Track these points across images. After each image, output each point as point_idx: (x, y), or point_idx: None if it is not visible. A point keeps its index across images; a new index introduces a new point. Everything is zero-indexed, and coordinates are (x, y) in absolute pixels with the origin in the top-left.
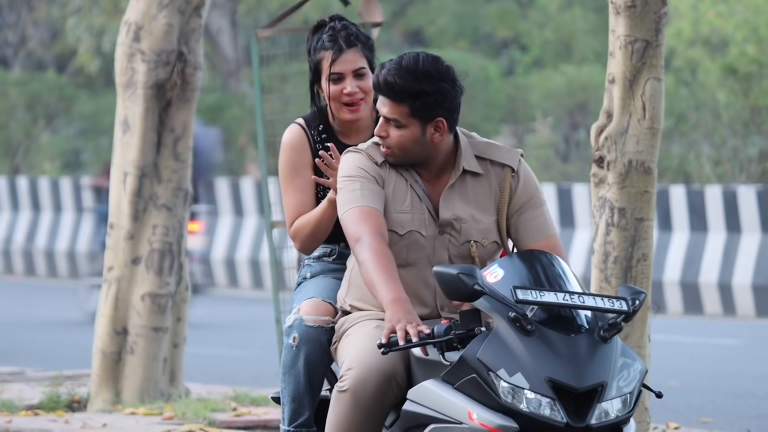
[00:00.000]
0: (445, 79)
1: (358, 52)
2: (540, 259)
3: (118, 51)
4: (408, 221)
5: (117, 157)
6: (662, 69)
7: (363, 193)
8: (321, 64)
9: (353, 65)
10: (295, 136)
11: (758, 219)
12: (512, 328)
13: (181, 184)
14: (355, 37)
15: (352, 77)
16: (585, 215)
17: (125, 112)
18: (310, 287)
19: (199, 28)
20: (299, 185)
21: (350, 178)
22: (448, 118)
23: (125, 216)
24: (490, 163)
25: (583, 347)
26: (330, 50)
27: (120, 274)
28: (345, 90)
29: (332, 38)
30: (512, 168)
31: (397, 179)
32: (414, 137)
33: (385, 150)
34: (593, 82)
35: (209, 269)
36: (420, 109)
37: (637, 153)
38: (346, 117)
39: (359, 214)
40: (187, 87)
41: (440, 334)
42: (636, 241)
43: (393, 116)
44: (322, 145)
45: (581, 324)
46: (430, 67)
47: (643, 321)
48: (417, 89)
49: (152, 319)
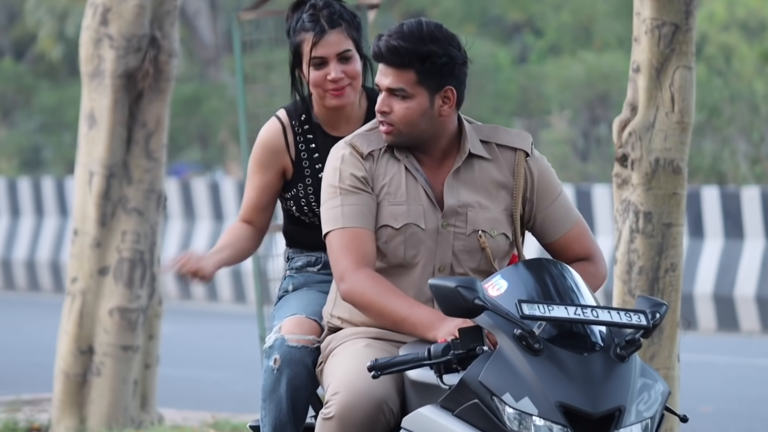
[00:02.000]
0: (452, 43)
1: (342, 32)
2: (549, 269)
3: (83, 36)
4: (403, 213)
5: (82, 155)
6: (693, 56)
7: (344, 210)
8: (301, 47)
9: (337, 48)
10: (272, 136)
11: None
12: (518, 347)
13: (153, 185)
14: (338, 16)
15: (336, 61)
16: (606, 220)
17: (91, 105)
18: (293, 302)
19: (174, 11)
20: (260, 183)
21: (331, 188)
22: (458, 88)
23: (91, 221)
24: (498, 148)
25: (597, 367)
26: (310, 31)
27: (85, 286)
28: (329, 76)
29: (313, 18)
30: (526, 152)
31: (392, 166)
32: (422, 109)
33: (386, 128)
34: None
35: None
36: (428, 74)
37: (664, 150)
38: (331, 103)
39: (340, 243)
40: (161, 76)
41: (438, 355)
42: (663, 249)
43: (398, 85)
44: (303, 137)
45: (595, 341)
46: (435, 30)
47: (672, 339)
48: (425, 50)
49: (121, 337)
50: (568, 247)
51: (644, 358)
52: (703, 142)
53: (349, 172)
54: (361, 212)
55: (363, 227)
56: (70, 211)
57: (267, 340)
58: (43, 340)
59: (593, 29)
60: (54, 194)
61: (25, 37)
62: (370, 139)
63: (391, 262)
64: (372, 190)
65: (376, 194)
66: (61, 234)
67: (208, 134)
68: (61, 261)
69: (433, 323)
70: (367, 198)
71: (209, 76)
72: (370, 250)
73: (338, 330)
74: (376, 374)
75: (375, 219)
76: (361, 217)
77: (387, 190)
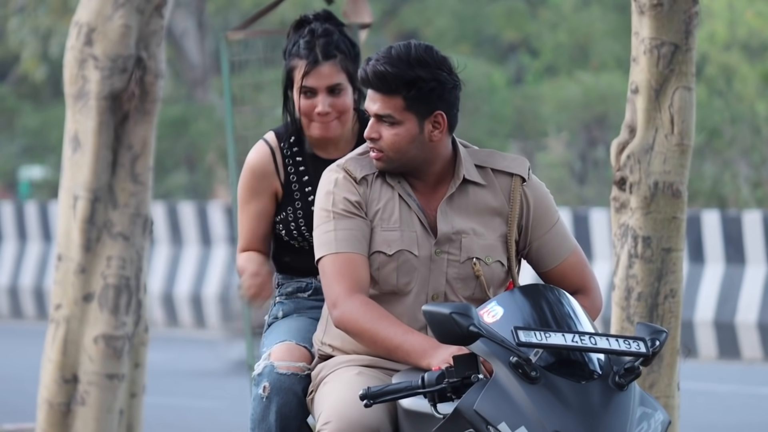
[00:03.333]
0: (442, 67)
1: (336, 65)
2: (545, 295)
3: (67, 56)
4: (397, 239)
5: (66, 179)
6: (693, 77)
7: (337, 234)
8: (293, 72)
9: (328, 81)
10: (261, 160)
11: None
12: (514, 375)
13: (139, 209)
14: (335, 47)
15: (325, 94)
16: (604, 245)
17: (75, 127)
18: (283, 328)
19: (160, 30)
20: (255, 211)
21: (324, 212)
22: (448, 112)
23: (75, 246)
24: (494, 173)
25: (595, 396)
26: (304, 59)
27: (69, 312)
28: (316, 108)
29: (308, 45)
30: (522, 177)
31: (385, 191)
32: (410, 135)
33: (376, 154)
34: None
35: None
36: (416, 99)
37: (664, 173)
38: (315, 134)
39: (333, 268)
40: (147, 98)
41: (431, 383)
42: (663, 274)
43: (385, 111)
44: (293, 159)
45: (593, 369)
46: (424, 53)
47: (672, 367)
48: (411, 76)
49: (107, 365)
50: (564, 276)
51: (643, 387)
52: (704, 164)
53: (342, 196)
54: (355, 237)
55: (357, 252)
56: (53, 236)
57: (256, 367)
58: (26, 369)
59: (590, 49)
60: (37, 219)
61: (8, 57)
62: (362, 164)
63: (383, 290)
64: (366, 215)
65: (370, 219)
66: (44, 260)
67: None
68: (45, 287)
69: (426, 351)
70: (361, 223)
71: (196, 97)
72: (363, 275)
73: (329, 357)
74: (368, 403)
75: (369, 244)
76: (354, 242)
77: (381, 215)
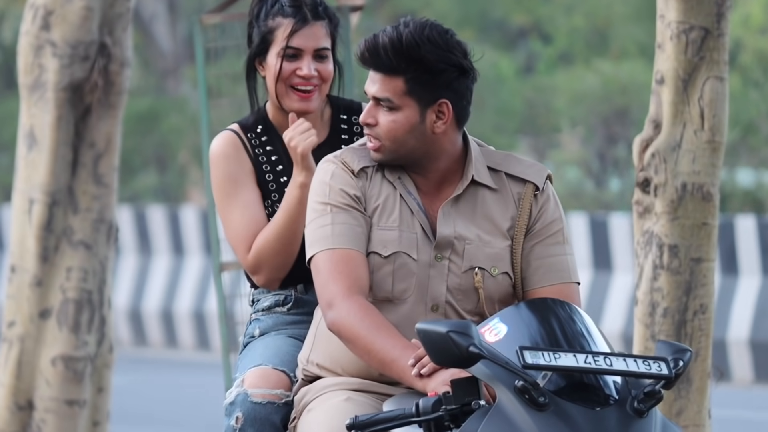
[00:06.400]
0: (454, 51)
1: (324, 27)
2: (555, 310)
3: (21, 42)
4: (394, 240)
5: (20, 180)
6: (726, 65)
7: (334, 228)
8: (274, 33)
9: (316, 42)
10: (227, 143)
11: None
12: (519, 401)
13: (103, 214)
14: (323, 9)
15: (311, 57)
16: (626, 254)
17: (31, 122)
18: (258, 349)
19: (126, 14)
20: (246, 200)
21: (320, 205)
22: (455, 103)
23: (31, 256)
24: (507, 177)
25: (612, 424)
26: (291, 18)
27: (24, 331)
28: (300, 71)
29: (295, 3)
30: (536, 185)
31: (384, 187)
32: (410, 123)
33: (373, 143)
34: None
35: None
36: (419, 83)
37: (693, 174)
38: (293, 106)
39: (329, 265)
40: (112, 89)
41: (427, 411)
42: (692, 288)
43: (383, 94)
44: (262, 149)
45: (609, 394)
46: (438, 35)
47: (702, 392)
48: (415, 55)
49: (66, 390)
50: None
51: (670, 414)
52: (738, 164)
53: (339, 187)
54: (354, 232)
55: (356, 249)
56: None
57: (228, 395)
58: None
59: (610, 35)
60: None
61: None
62: (361, 155)
63: (377, 296)
64: (365, 210)
65: (369, 215)
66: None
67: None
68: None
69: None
70: (360, 217)
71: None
72: (363, 275)
73: (315, 380)
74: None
75: (367, 242)
76: (354, 238)
77: (379, 212)
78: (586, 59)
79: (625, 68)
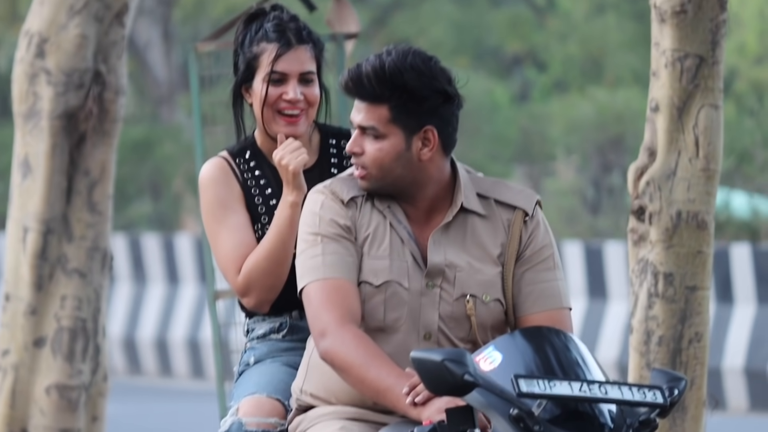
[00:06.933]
0: (438, 78)
1: (308, 51)
2: (549, 338)
3: (16, 70)
4: (385, 269)
5: (15, 209)
6: (720, 93)
7: (325, 259)
8: (259, 59)
9: (301, 66)
10: (216, 168)
11: None
12: (514, 430)
13: (97, 242)
14: (307, 33)
15: (296, 81)
16: (621, 283)
17: (25, 150)
18: (253, 378)
19: (121, 41)
20: (235, 224)
21: (310, 235)
22: (441, 130)
23: (25, 284)
24: (497, 204)
25: None
26: (275, 43)
27: (18, 359)
28: (286, 95)
29: (279, 28)
30: (526, 212)
31: (374, 216)
32: (396, 151)
33: (360, 172)
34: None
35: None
36: (403, 111)
37: (688, 202)
38: (281, 130)
39: (321, 295)
40: (106, 117)
41: None
42: (687, 316)
43: (369, 123)
44: (251, 174)
45: (604, 422)
46: (420, 62)
47: (697, 421)
48: (399, 83)
49: (60, 419)
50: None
51: None
52: (733, 192)
53: (329, 217)
54: (345, 262)
55: (347, 279)
56: (0, 272)
57: (222, 423)
58: None
59: (605, 62)
60: None
61: None
62: (350, 185)
63: (370, 326)
64: (355, 239)
65: (359, 245)
66: None
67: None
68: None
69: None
70: (351, 247)
71: (162, 116)
72: (355, 304)
73: (309, 409)
74: None
75: (358, 272)
76: (345, 268)
77: (370, 242)
78: (581, 87)
79: (619, 96)
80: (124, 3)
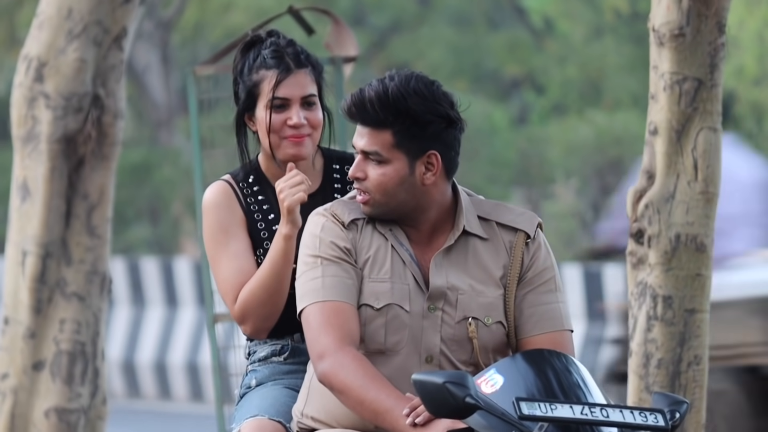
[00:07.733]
0: (441, 102)
1: (308, 75)
2: (551, 361)
3: (14, 94)
4: (386, 292)
5: (13, 232)
6: (719, 116)
7: (325, 281)
8: (260, 86)
9: (302, 90)
10: (219, 192)
11: None
12: None
13: (96, 266)
14: (305, 57)
15: (299, 105)
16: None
17: (24, 173)
18: (255, 401)
19: (120, 65)
20: (235, 250)
21: (310, 258)
22: (444, 154)
23: (24, 308)
24: (498, 226)
25: None
26: (275, 69)
27: (17, 383)
28: (289, 121)
29: (277, 54)
30: (527, 234)
31: (375, 239)
32: (399, 176)
33: (363, 197)
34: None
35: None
36: (407, 136)
37: (687, 225)
38: (288, 153)
39: (320, 318)
40: (105, 140)
41: None
42: (686, 339)
43: (372, 148)
44: (254, 198)
45: None
46: (423, 87)
47: None
48: (402, 108)
49: None
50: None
51: None
52: None
53: (329, 240)
54: (345, 285)
55: (346, 302)
56: None
57: None
58: None
59: (603, 86)
60: None
61: None
62: (351, 208)
63: (370, 348)
64: (356, 262)
65: (360, 268)
66: None
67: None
68: None
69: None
70: (351, 270)
71: (161, 140)
72: (354, 327)
73: (311, 431)
74: None
75: (358, 295)
76: (344, 290)
77: (371, 264)
78: (580, 110)
79: (618, 119)
80: (122, 27)
